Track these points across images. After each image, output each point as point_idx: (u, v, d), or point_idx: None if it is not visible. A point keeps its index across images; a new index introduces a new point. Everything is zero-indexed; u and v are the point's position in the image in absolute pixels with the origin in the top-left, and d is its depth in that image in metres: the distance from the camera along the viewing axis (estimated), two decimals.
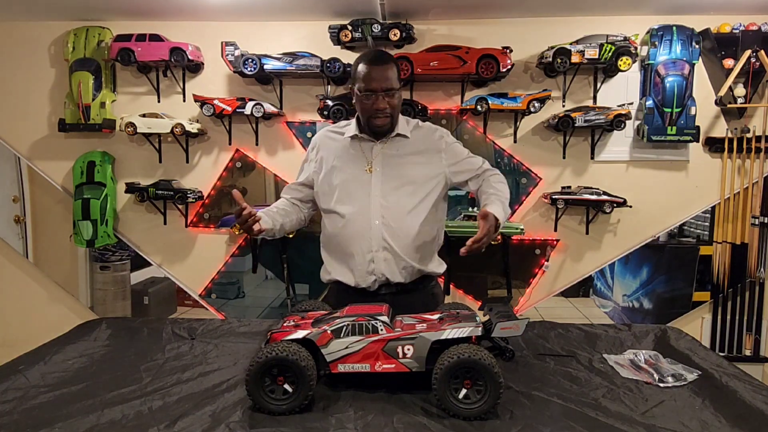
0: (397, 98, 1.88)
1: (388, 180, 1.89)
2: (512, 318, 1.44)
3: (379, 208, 1.87)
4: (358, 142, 1.94)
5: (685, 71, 2.81)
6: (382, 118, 1.86)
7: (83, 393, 1.45)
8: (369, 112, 1.86)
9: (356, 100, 1.90)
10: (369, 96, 1.83)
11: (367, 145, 1.94)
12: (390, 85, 1.83)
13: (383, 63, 1.84)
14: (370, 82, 1.82)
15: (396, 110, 1.89)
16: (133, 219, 3.18)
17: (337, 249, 1.93)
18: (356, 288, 1.90)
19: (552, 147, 3.01)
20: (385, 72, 1.83)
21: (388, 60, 1.87)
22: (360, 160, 1.92)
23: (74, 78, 2.99)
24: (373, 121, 1.87)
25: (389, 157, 1.92)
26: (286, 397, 1.31)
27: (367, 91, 1.83)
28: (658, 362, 1.65)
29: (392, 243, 1.86)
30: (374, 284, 1.89)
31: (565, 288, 3.09)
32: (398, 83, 1.87)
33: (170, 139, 3.08)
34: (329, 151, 1.97)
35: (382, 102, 1.83)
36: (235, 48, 2.87)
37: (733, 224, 3.00)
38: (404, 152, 1.93)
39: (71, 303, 3.29)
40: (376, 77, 1.82)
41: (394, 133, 1.94)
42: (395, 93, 1.86)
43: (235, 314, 3.16)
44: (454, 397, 1.29)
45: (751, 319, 3.03)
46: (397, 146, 1.94)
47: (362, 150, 1.94)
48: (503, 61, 2.77)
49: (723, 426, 1.28)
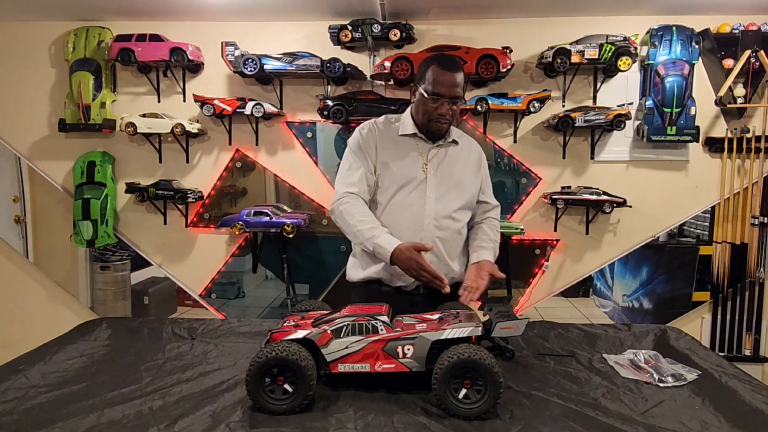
0: (458, 105, 1.91)
1: (441, 183, 1.92)
2: (512, 318, 1.44)
3: (433, 210, 1.89)
4: (414, 140, 1.95)
5: (685, 71, 2.81)
6: (443, 123, 1.89)
7: (83, 393, 1.45)
8: (431, 115, 1.87)
9: (419, 101, 1.90)
10: (436, 100, 1.84)
11: (424, 146, 1.95)
12: (457, 93, 1.85)
13: (455, 70, 1.84)
14: (440, 87, 1.83)
15: (455, 117, 1.95)
16: (134, 219, 3.18)
17: None
18: (391, 287, 1.91)
19: (552, 147, 3.01)
20: (455, 79, 1.84)
21: (460, 68, 1.87)
22: (416, 159, 1.93)
23: (74, 78, 2.99)
24: (433, 125, 1.89)
25: (442, 159, 1.95)
26: (286, 397, 1.31)
27: (435, 94, 1.83)
28: (658, 362, 1.66)
29: (441, 246, 1.89)
30: (413, 284, 1.90)
31: (565, 288, 3.09)
32: (464, 92, 1.90)
33: (170, 139, 3.08)
34: (385, 141, 1.95)
35: (446, 108, 1.85)
36: (235, 48, 2.87)
37: (732, 224, 3.00)
38: (455, 158, 1.97)
39: (71, 303, 3.29)
40: (446, 83, 1.83)
41: (450, 138, 1.97)
42: (459, 102, 1.89)
43: (235, 314, 3.16)
44: (454, 397, 1.29)
45: (751, 319, 3.03)
46: (449, 151, 1.97)
47: (418, 150, 1.94)
48: (503, 61, 2.77)
49: (723, 426, 1.28)
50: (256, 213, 2.95)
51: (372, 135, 1.95)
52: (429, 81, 1.84)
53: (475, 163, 2.03)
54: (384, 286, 1.93)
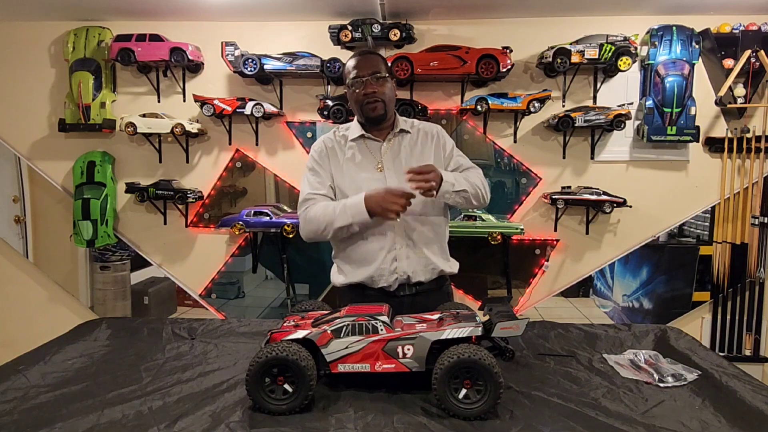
0: (388, 88, 1.89)
1: (401, 176, 1.88)
2: (512, 318, 1.44)
3: None
4: (364, 142, 1.95)
5: (685, 71, 2.81)
6: (373, 103, 1.87)
7: (83, 393, 1.45)
8: (360, 100, 1.87)
9: (350, 98, 1.93)
10: (359, 83, 1.86)
11: (374, 145, 1.95)
12: (377, 69, 1.87)
13: (368, 53, 1.93)
14: (357, 69, 1.87)
15: (388, 99, 1.90)
16: (133, 219, 3.18)
17: (357, 251, 1.91)
18: (374, 289, 1.90)
19: (552, 147, 3.01)
20: (370, 60, 1.89)
21: (374, 54, 1.95)
22: (369, 161, 1.93)
23: (74, 78, 2.99)
24: (366, 108, 1.88)
25: (397, 153, 1.93)
26: (286, 397, 1.31)
27: (355, 78, 1.86)
28: (658, 362, 1.65)
29: (413, 237, 1.88)
30: (395, 283, 1.89)
31: (565, 288, 3.09)
32: (386, 72, 1.90)
33: (170, 139, 3.08)
34: (336, 151, 1.96)
35: (370, 86, 1.85)
36: (235, 48, 2.87)
37: (733, 224, 3.00)
38: (410, 148, 1.95)
39: (71, 303, 3.29)
40: (362, 64, 1.87)
41: (397, 129, 1.95)
42: (384, 80, 1.88)
43: (235, 314, 3.16)
44: (454, 397, 1.29)
45: (751, 319, 3.03)
46: (402, 143, 1.96)
47: (369, 150, 1.94)
48: (503, 61, 2.77)
49: (723, 426, 1.28)
50: (256, 213, 2.95)
51: (323, 150, 1.97)
52: (348, 71, 1.90)
53: (434, 146, 1.98)
54: (368, 290, 1.91)
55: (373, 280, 1.89)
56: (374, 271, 1.88)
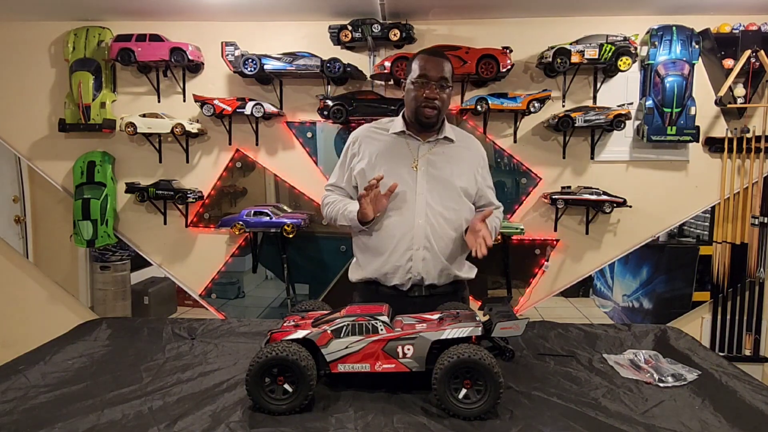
0: (447, 94, 1.90)
1: (433, 180, 1.90)
2: (512, 318, 1.44)
3: (423, 207, 1.88)
4: (405, 139, 1.95)
5: (685, 71, 2.81)
6: (431, 108, 1.87)
7: (83, 393, 1.45)
8: (419, 100, 1.87)
9: (407, 92, 1.92)
10: (423, 84, 1.85)
11: (414, 143, 1.95)
12: (445, 75, 1.87)
13: (441, 56, 1.90)
14: (426, 70, 1.85)
15: (444, 106, 1.91)
16: (133, 219, 3.18)
17: (376, 245, 1.92)
18: (387, 287, 1.91)
19: (552, 147, 3.01)
20: (441, 64, 1.87)
21: (446, 58, 1.92)
22: (406, 157, 1.92)
23: (74, 78, 2.99)
24: (422, 110, 1.87)
25: (435, 156, 1.93)
26: (286, 397, 1.31)
27: (421, 77, 1.85)
28: (658, 362, 1.66)
29: (434, 243, 1.88)
30: (408, 283, 1.89)
31: (565, 288, 3.09)
32: (452, 80, 1.91)
33: (170, 139, 3.08)
34: (373, 146, 1.96)
35: (434, 91, 1.85)
36: (235, 48, 2.87)
37: (732, 224, 3.00)
38: (450, 155, 1.95)
39: (71, 303, 3.29)
40: (432, 67, 1.86)
41: (441, 135, 1.95)
42: (447, 87, 1.88)
43: (235, 314, 3.16)
44: (454, 397, 1.29)
45: (751, 319, 3.03)
46: (443, 148, 1.96)
47: (408, 147, 1.94)
48: (503, 61, 2.77)
49: (723, 426, 1.28)
50: (256, 213, 2.95)
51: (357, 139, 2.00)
52: (415, 68, 1.88)
53: (474, 162, 2.00)
54: (381, 286, 1.93)
55: (386, 277, 1.90)
56: (388, 265, 1.88)
